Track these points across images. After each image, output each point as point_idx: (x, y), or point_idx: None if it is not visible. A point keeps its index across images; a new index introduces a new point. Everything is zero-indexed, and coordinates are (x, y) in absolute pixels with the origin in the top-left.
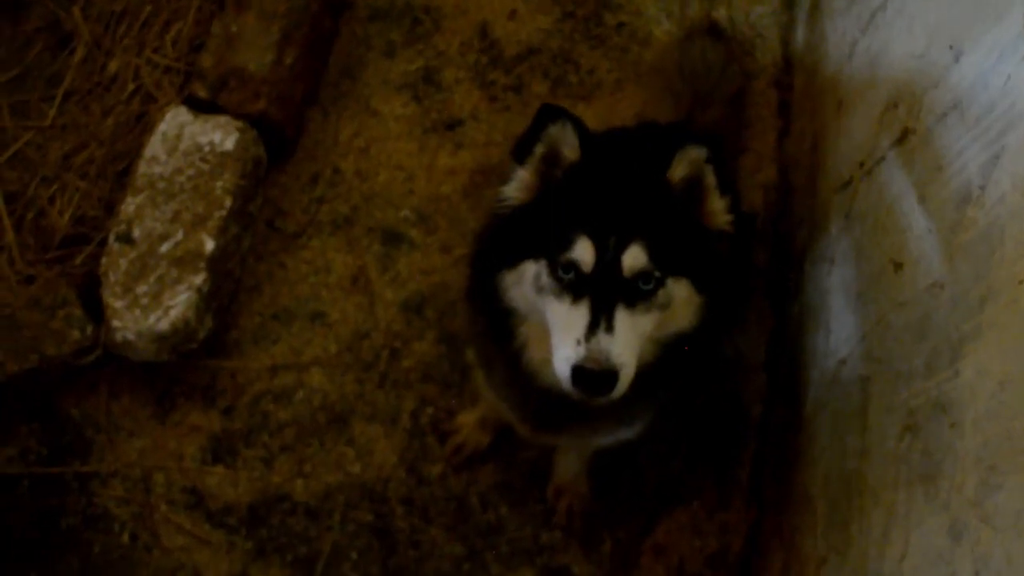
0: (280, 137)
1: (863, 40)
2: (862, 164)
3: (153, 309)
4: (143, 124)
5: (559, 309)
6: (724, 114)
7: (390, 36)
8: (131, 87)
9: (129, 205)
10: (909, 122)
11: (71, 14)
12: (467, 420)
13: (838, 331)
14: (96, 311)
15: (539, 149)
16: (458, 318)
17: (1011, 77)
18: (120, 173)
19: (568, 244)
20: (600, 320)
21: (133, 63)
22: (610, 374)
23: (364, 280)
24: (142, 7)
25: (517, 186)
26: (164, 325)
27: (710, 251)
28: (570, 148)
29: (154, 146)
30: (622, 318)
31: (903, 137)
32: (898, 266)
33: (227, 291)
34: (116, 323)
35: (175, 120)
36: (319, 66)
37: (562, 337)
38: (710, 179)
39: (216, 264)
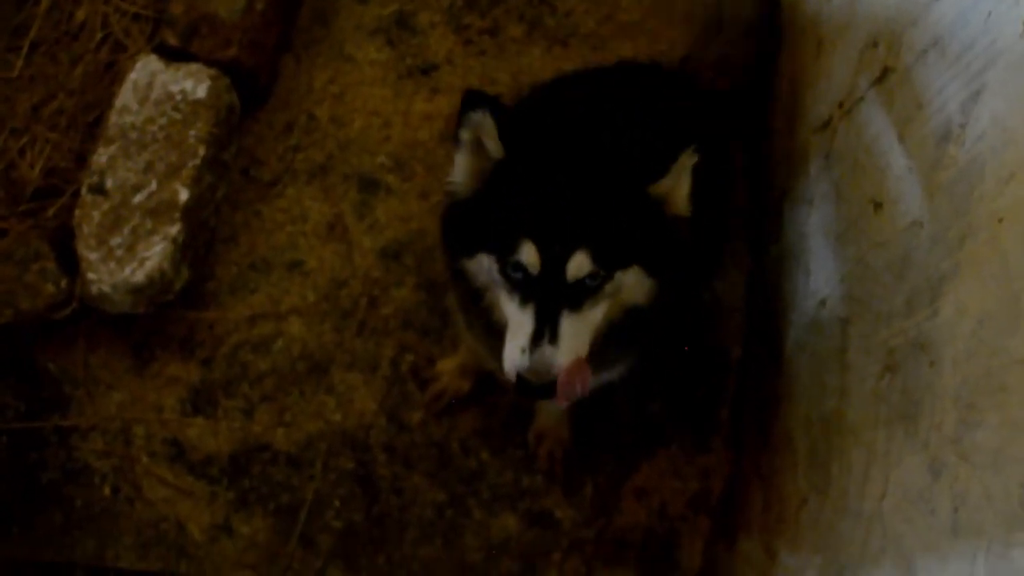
0: (253, 84)
1: None
2: (841, 104)
3: (128, 261)
4: (113, 73)
5: (510, 305)
6: (735, 47)
7: None
8: (99, 36)
9: (101, 156)
10: (889, 60)
11: None
12: (447, 367)
13: (817, 272)
14: (70, 264)
15: (466, 135)
16: (437, 264)
17: (991, 13)
18: (91, 124)
19: (513, 247)
20: (544, 329)
21: (101, 11)
22: (551, 384)
23: (341, 228)
24: None
25: (459, 172)
26: (140, 276)
27: (667, 238)
28: (492, 142)
29: (125, 95)
30: (567, 324)
31: (883, 76)
32: (877, 206)
33: (203, 241)
34: (91, 275)
35: (146, 69)
36: (291, 12)
37: (512, 335)
38: (688, 175)
39: (191, 214)
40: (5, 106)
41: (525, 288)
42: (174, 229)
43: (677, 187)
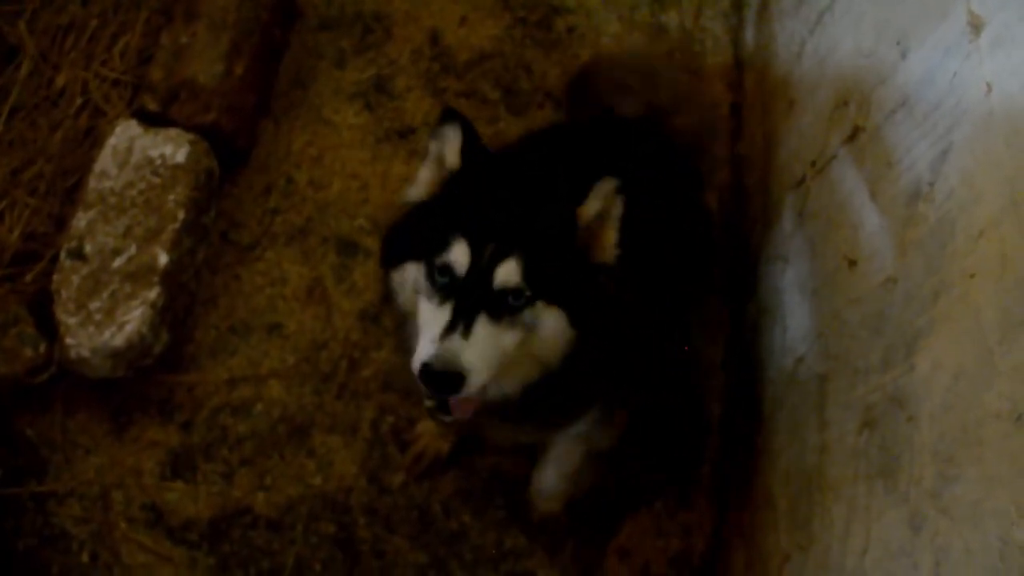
0: (232, 148)
1: (811, 40)
2: (814, 163)
3: (107, 325)
4: (92, 138)
5: (427, 309)
6: (697, 121)
7: (341, 45)
8: (79, 101)
9: (80, 220)
10: (859, 120)
11: (16, 28)
12: (427, 428)
13: (794, 329)
14: (49, 328)
15: (433, 147)
16: None
17: (957, 74)
18: (70, 188)
19: (445, 246)
20: (459, 323)
21: (81, 76)
22: (456, 376)
23: (320, 290)
24: (89, 20)
25: (418, 183)
26: (119, 341)
27: (593, 285)
28: (452, 154)
29: (104, 160)
30: (482, 326)
31: (854, 135)
32: (852, 263)
33: (182, 305)
34: (70, 340)
35: (125, 134)
36: (270, 76)
37: (423, 335)
38: (616, 210)
39: (170, 278)
40: None
41: (448, 290)
42: (153, 293)
43: (603, 229)
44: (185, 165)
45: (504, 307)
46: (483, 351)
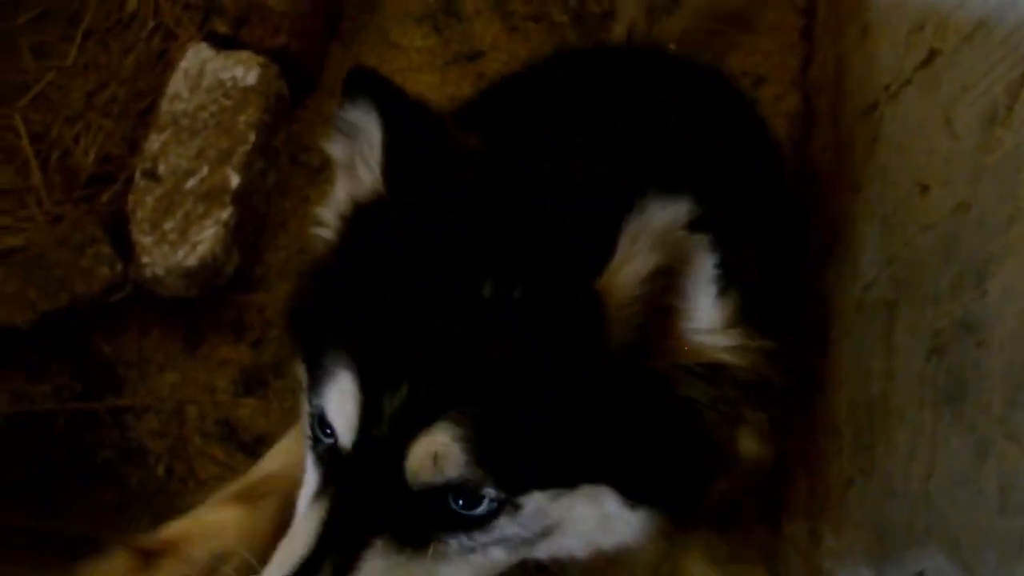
0: (302, 72)
1: None
2: (887, 87)
3: (181, 245)
4: (164, 61)
5: (303, 495)
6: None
7: None
8: (151, 24)
9: (153, 143)
10: (935, 43)
11: None
12: None
13: (863, 256)
14: (124, 248)
15: (338, 150)
16: None
17: None
18: (143, 111)
19: (319, 380)
20: (324, 559)
21: (152, 0)
22: None
23: None
24: None
25: (330, 206)
26: (192, 260)
27: (669, 421)
28: (367, 165)
29: (176, 83)
30: (374, 568)
31: (929, 59)
32: (924, 188)
33: (253, 226)
34: (145, 259)
35: (196, 57)
36: (339, 0)
37: (279, 551)
38: (697, 265)
39: (242, 199)
40: (59, 94)
41: (328, 466)
42: (226, 213)
43: (672, 302)
44: (256, 87)
45: (437, 519)
46: None
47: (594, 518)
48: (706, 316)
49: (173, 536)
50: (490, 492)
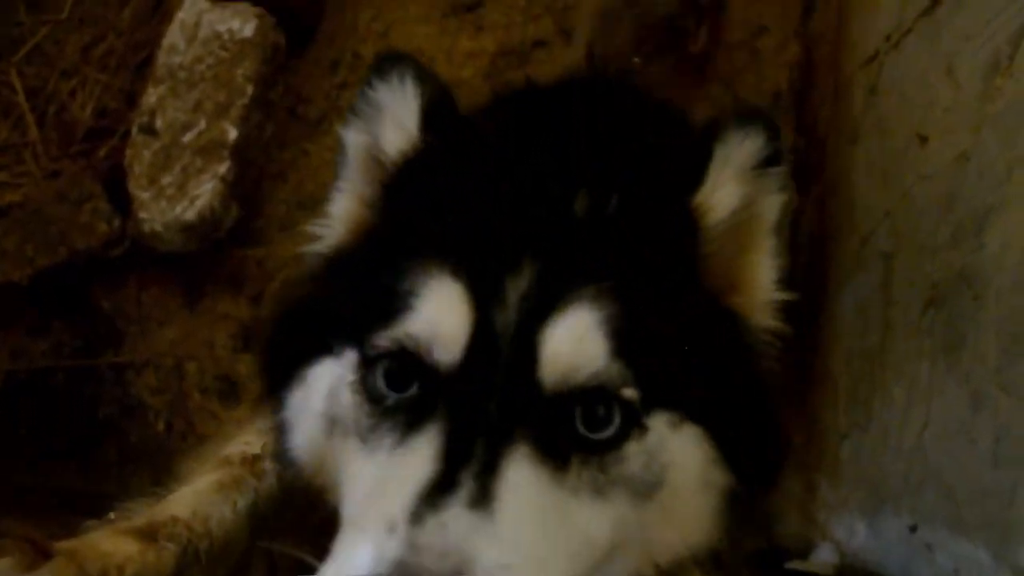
0: (299, 23)
1: None
2: (888, 37)
3: (179, 199)
4: (161, 14)
5: (369, 464)
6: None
7: None
8: None
9: (150, 96)
10: None
11: None
12: None
13: (861, 208)
14: (122, 203)
15: (352, 136)
16: None
17: None
18: (140, 64)
19: (404, 305)
20: (461, 475)
21: None
22: None
23: None
24: None
25: (331, 223)
26: (190, 214)
27: (745, 370)
28: (405, 122)
29: (173, 35)
30: (523, 479)
31: (931, 7)
32: (923, 139)
33: (252, 179)
34: (143, 214)
35: (193, 8)
36: None
37: (362, 520)
38: (771, 205)
39: (239, 152)
40: (56, 48)
41: (419, 408)
42: (223, 167)
43: (743, 245)
44: (252, 39)
45: (575, 434)
46: (529, 540)
47: (697, 464)
48: (766, 271)
49: (70, 548)
50: (627, 393)
